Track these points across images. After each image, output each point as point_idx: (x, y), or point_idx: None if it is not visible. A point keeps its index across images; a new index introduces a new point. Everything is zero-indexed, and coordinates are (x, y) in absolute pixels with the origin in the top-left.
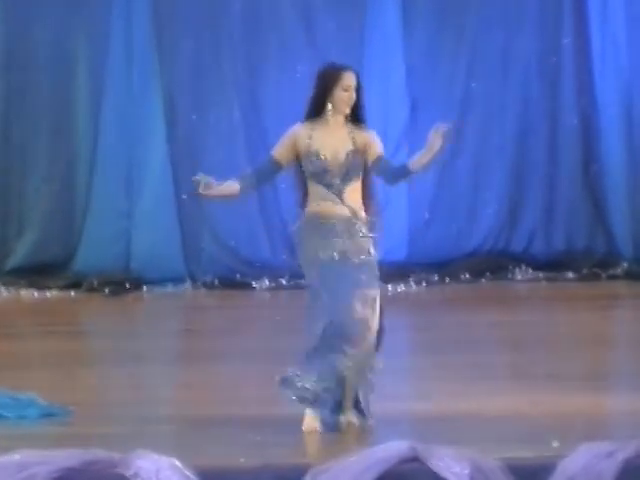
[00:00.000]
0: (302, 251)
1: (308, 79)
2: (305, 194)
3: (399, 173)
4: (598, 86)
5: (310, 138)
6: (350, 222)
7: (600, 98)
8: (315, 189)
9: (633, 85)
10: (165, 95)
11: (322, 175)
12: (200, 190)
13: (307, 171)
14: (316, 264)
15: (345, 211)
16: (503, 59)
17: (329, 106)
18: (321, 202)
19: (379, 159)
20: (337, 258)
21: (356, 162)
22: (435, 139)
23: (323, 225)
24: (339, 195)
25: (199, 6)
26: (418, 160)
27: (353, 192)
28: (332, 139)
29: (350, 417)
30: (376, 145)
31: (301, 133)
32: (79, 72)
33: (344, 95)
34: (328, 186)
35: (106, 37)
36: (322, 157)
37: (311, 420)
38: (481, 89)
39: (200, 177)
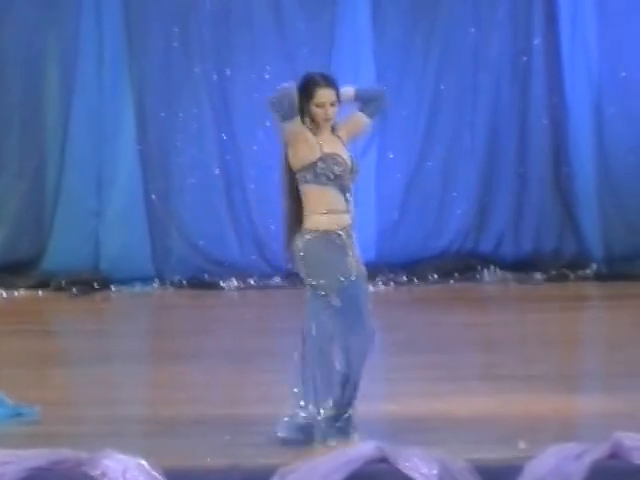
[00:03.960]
0: (318, 275)
1: (278, 78)
2: (298, 203)
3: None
4: (568, 87)
5: (319, 140)
6: (350, 231)
7: (570, 99)
8: (321, 197)
9: (603, 86)
10: (135, 94)
11: (335, 180)
12: None
13: (315, 176)
14: (337, 288)
15: (348, 219)
16: (473, 59)
17: (307, 121)
18: (329, 212)
19: (362, 113)
20: (354, 278)
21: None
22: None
23: (337, 242)
24: (348, 202)
25: (169, 5)
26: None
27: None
28: (335, 143)
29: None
30: (352, 118)
31: (309, 134)
32: (49, 71)
33: (319, 111)
34: (341, 192)
35: (76, 35)
36: (340, 160)
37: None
38: (451, 89)
39: None
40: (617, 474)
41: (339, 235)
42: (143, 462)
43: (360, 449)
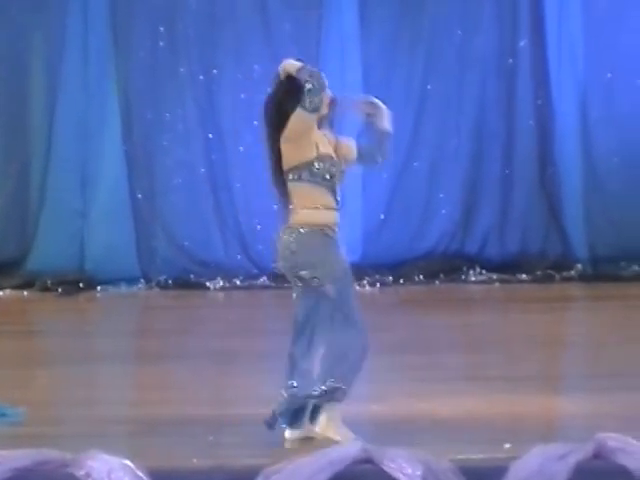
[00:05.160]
0: (313, 265)
1: (265, 78)
2: (287, 198)
3: (378, 142)
4: (554, 88)
5: (315, 139)
6: (336, 228)
7: (556, 100)
8: (315, 194)
9: (589, 88)
10: (121, 94)
11: (329, 178)
12: None
13: (312, 175)
14: (334, 278)
15: (337, 217)
16: (460, 60)
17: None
18: (323, 208)
19: (358, 150)
20: (348, 270)
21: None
22: (367, 105)
23: (330, 236)
24: (337, 202)
25: (155, 4)
26: (382, 124)
27: None
28: (326, 143)
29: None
30: (348, 142)
31: (314, 132)
32: (35, 70)
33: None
34: (332, 191)
35: (62, 35)
36: (334, 158)
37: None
38: (438, 90)
39: None
40: (601, 474)
41: (333, 230)
42: (128, 462)
43: (345, 450)
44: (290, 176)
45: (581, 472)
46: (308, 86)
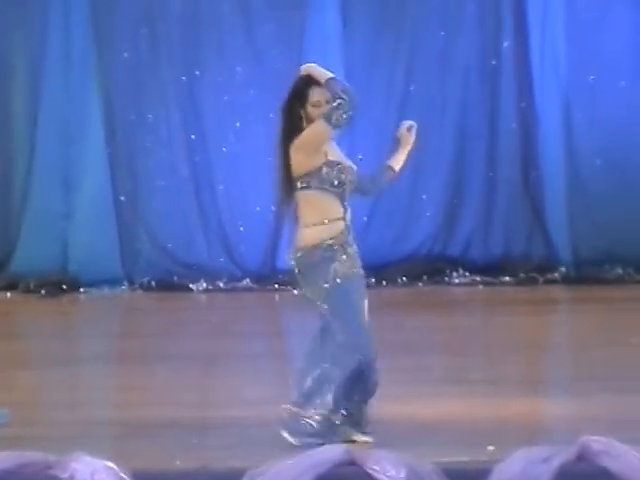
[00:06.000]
0: (334, 268)
1: (247, 80)
2: (293, 210)
3: (380, 178)
4: (537, 90)
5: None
6: (344, 237)
7: (539, 102)
8: (324, 203)
9: (572, 90)
10: (103, 96)
11: (337, 184)
12: None
13: (320, 179)
14: (351, 279)
15: (344, 225)
16: (442, 62)
17: (304, 123)
18: (328, 223)
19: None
20: (360, 273)
21: None
22: (405, 136)
23: (334, 249)
24: (346, 210)
25: (138, 6)
26: (396, 159)
27: None
28: (336, 150)
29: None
30: (352, 165)
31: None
32: (17, 72)
33: (315, 111)
34: (341, 198)
35: (44, 37)
36: (343, 165)
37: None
38: (420, 92)
39: None
40: (585, 477)
41: (338, 241)
42: (111, 464)
43: (329, 452)
44: (299, 184)
45: (565, 475)
46: (339, 101)
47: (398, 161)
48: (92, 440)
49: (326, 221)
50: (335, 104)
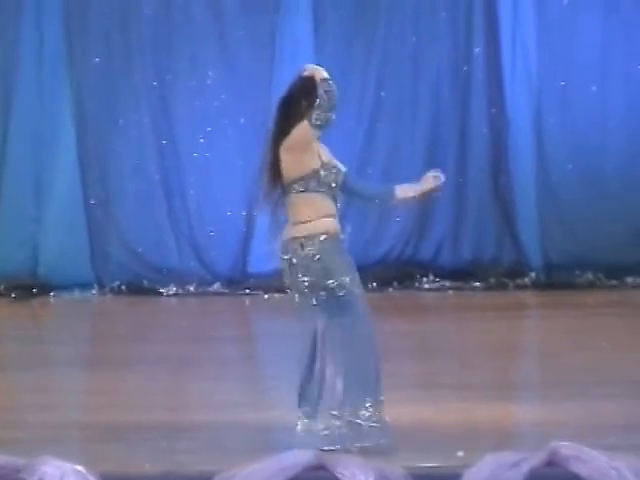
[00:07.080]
0: (341, 273)
1: (219, 84)
2: (281, 209)
3: (376, 192)
4: (508, 96)
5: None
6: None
7: (510, 108)
8: (325, 202)
9: (543, 96)
10: (75, 100)
11: (334, 186)
12: None
13: (318, 182)
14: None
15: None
16: (414, 68)
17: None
18: (334, 217)
19: (348, 180)
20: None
21: None
22: (427, 179)
23: (343, 243)
24: (337, 209)
25: (110, 11)
26: (405, 189)
27: None
28: (326, 152)
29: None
30: (340, 166)
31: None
32: None
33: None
34: (334, 199)
35: (16, 41)
36: (335, 166)
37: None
38: (392, 97)
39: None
40: None
41: (343, 237)
42: (80, 468)
43: (298, 456)
44: (295, 188)
45: None
46: (318, 100)
47: (405, 192)
48: (61, 443)
49: (334, 215)
50: (315, 102)
